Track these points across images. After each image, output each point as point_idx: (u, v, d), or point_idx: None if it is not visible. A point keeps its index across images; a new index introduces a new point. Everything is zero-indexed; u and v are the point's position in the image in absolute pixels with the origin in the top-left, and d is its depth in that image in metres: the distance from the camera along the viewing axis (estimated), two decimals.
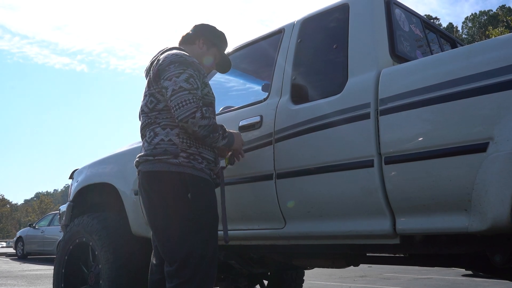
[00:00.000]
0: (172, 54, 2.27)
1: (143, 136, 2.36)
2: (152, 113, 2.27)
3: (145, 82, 2.38)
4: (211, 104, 2.38)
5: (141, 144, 3.36)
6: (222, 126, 2.32)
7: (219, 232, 2.30)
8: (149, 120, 2.29)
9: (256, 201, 2.60)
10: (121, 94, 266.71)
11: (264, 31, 3.03)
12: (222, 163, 2.51)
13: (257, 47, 3.08)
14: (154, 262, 2.43)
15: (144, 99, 2.34)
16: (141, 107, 2.35)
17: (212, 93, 2.41)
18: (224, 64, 2.69)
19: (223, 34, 2.63)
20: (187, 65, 2.23)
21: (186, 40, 2.54)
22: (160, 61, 2.26)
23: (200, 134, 2.19)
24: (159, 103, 2.26)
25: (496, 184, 1.73)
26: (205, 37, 2.55)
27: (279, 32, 2.86)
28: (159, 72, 2.24)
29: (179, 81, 2.17)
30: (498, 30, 18.28)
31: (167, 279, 2.18)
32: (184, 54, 2.30)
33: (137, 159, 2.31)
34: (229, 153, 2.50)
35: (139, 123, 2.40)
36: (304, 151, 2.38)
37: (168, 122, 2.24)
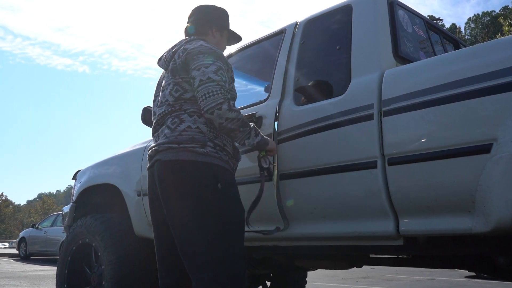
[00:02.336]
0: (201, 45, 2.19)
1: (160, 125, 2.21)
2: (177, 102, 2.16)
3: (165, 72, 2.31)
4: (233, 100, 2.28)
5: (143, 145, 3.38)
6: (254, 125, 2.24)
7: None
8: (172, 108, 2.16)
9: (258, 202, 2.60)
10: (123, 95, 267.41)
11: (265, 32, 3.03)
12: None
13: (259, 48, 3.07)
14: (164, 266, 2.24)
15: (166, 88, 2.22)
16: (163, 96, 2.22)
17: (235, 90, 2.33)
18: (234, 37, 2.58)
19: (225, 10, 2.52)
20: (216, 57, 2.16)
21: (198, 32, 2.39)
22: (188, 50, 2.17)
23: (227, 127, 2.07)
24: (185, 93, 2.16)
25: (500, 185, 1.73)
26: (217, 24, 2.44)
27: (281, 32, 2.86)
28: (187, 61, 2.15)
29: (208, 71, 2.08)
30: (507, 21, 18.12)
31: None
32: (213, 46, 2.23)
33: (156, 147, 2.11)
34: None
35: (156, 114, 2.26)
36: (307, 152, 2.38)
37: (195, 110, 2.13)
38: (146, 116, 2.92)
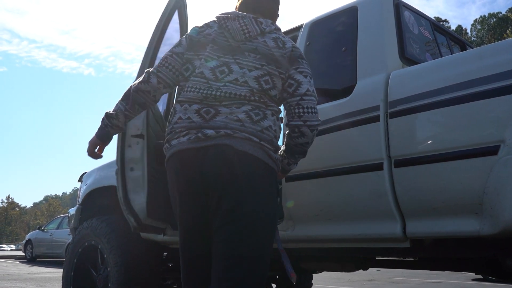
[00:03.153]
0: (299, 48, 1.99)
1: (221, 101, 1.80)
2: (260, 93, 1.83)
3: (231, 37, 1.91)
4: None
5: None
6: None
7: None
8: (254, 97, 1.81)
9: None
10: None
11: None
12: None
13: None
14: (192, 274, 1.87)
15: (251, 69, 1.85)
16: (243, 75, 1.84)
17: None
18: None
19: None
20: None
21: (270, 15, 2.06)
22: (291, 47, 1.92)
23: (304, 149, 1.97)
24: (273, 89, 1.86)
25: (508, 187, 1.72)
26: (278, 13, 2.16)
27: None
28: (292, 60, 1.90)
29: (312, 84, 1.92)
30: None
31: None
32: None
33: (228, 130, 1.75)
34: None
35: (215, 86, 1.82)
36: (312, 154, 2.36)
37: (277, 110, 1.89)
38: None
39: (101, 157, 2.08)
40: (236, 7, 2.11)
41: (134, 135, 2.39)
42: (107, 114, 1.97)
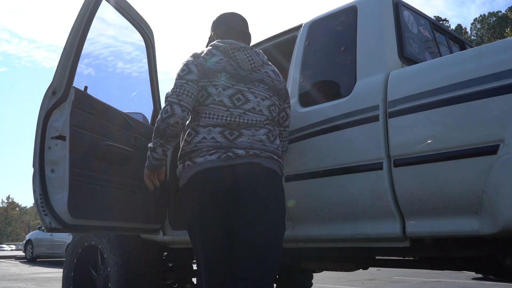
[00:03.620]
0: None
1: (243, 126, 2.00)
2: (270, 119, 2.11)
3: (238, 66, 2.07)
4: None
5: None
6: None
7: None
8: (267, 122, 2.08)
9: None
10: None
11: (270, 34, 3.04)
12: None
13: (264, 50, 3.08)
14: (223, 275, 2.00)
15: (263, 99, 2.08)
16: (258, 104, 2.06)
17: None
18: None
19: None
20: None
21: (249, 39, 2.32)
22: (282, 80, 2.23)
23: None
24: (277, 116, 2.21)
25: (507, 187, 1.72)
26: None
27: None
28: (286, 94, 2.26)
29: None
30: None
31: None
32: None
33: (256, 151, 1.97)
34: None
35: (237, 114, 2.00)
36: (312, 154, 2.38)
37: (278, 130, 2.24)
38: None
39: (158, 184, 2.25)
40: (214, 34, 2.26)
41: (53, 137, 2.41)
42: (149, 147, 2.11)
